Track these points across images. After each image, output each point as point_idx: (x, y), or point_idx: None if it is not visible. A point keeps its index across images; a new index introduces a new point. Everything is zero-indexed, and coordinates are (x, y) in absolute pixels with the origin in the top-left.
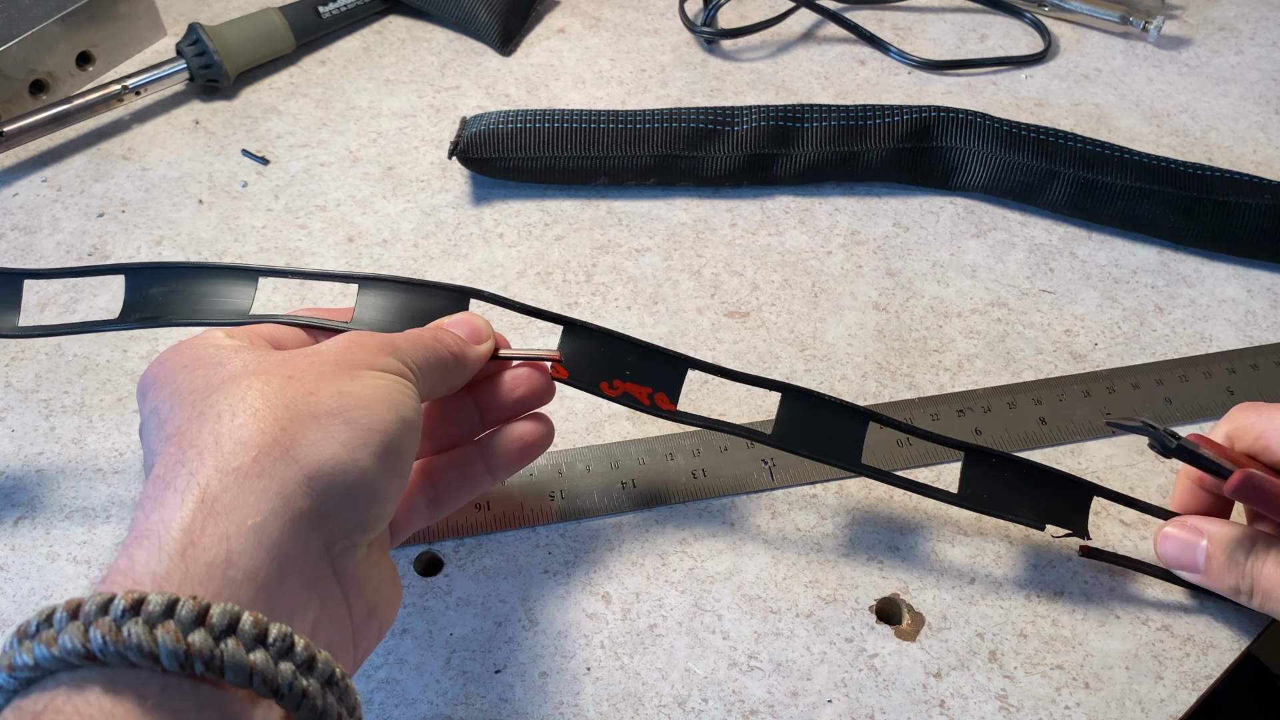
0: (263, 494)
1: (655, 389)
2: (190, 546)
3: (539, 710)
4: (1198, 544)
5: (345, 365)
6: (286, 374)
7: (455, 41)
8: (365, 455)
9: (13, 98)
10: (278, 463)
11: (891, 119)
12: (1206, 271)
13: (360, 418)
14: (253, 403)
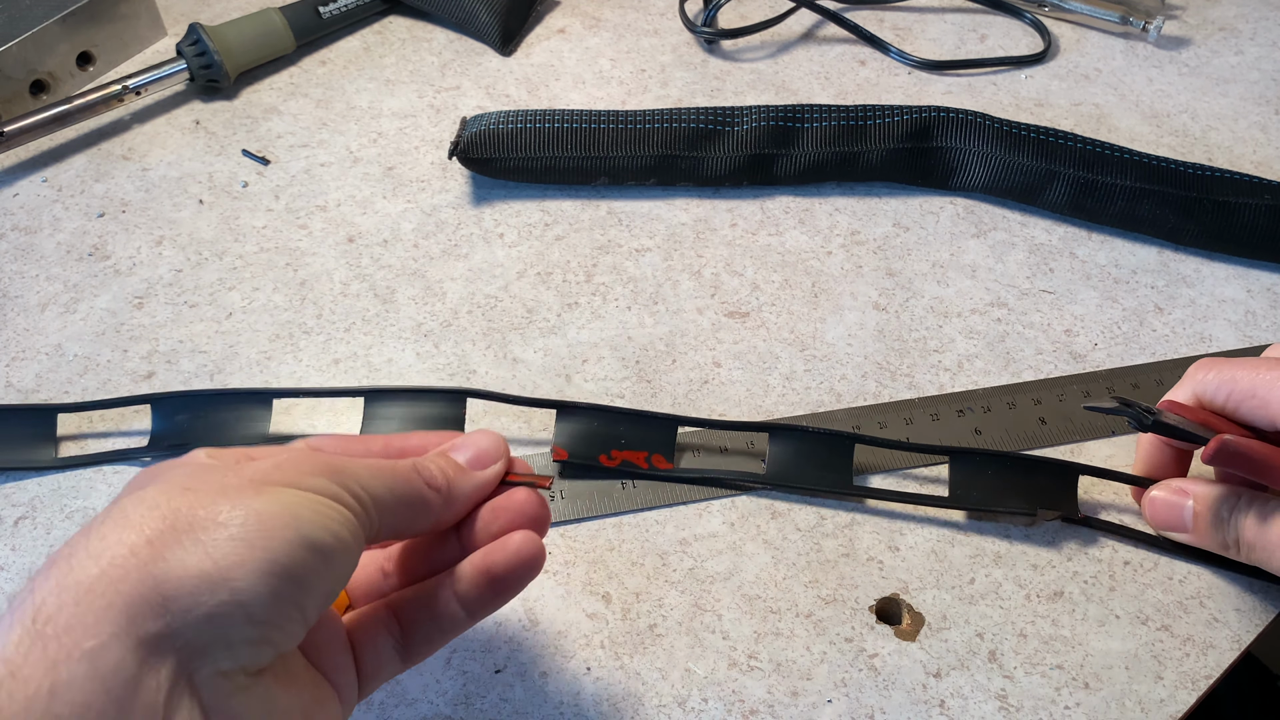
0: (104, 611)
1: (651, 451)
2: (9, 678)
3: (539, 710)
4: (1184, 505)
5: (260, 482)
6: (185, 485)
7: (455, 42)
8: (243, 575)
9: (13, 98)
10: (129, 576)
11: (891, 119)
12: (1206, 271)
13: (249, 535)
14: (130, 513)
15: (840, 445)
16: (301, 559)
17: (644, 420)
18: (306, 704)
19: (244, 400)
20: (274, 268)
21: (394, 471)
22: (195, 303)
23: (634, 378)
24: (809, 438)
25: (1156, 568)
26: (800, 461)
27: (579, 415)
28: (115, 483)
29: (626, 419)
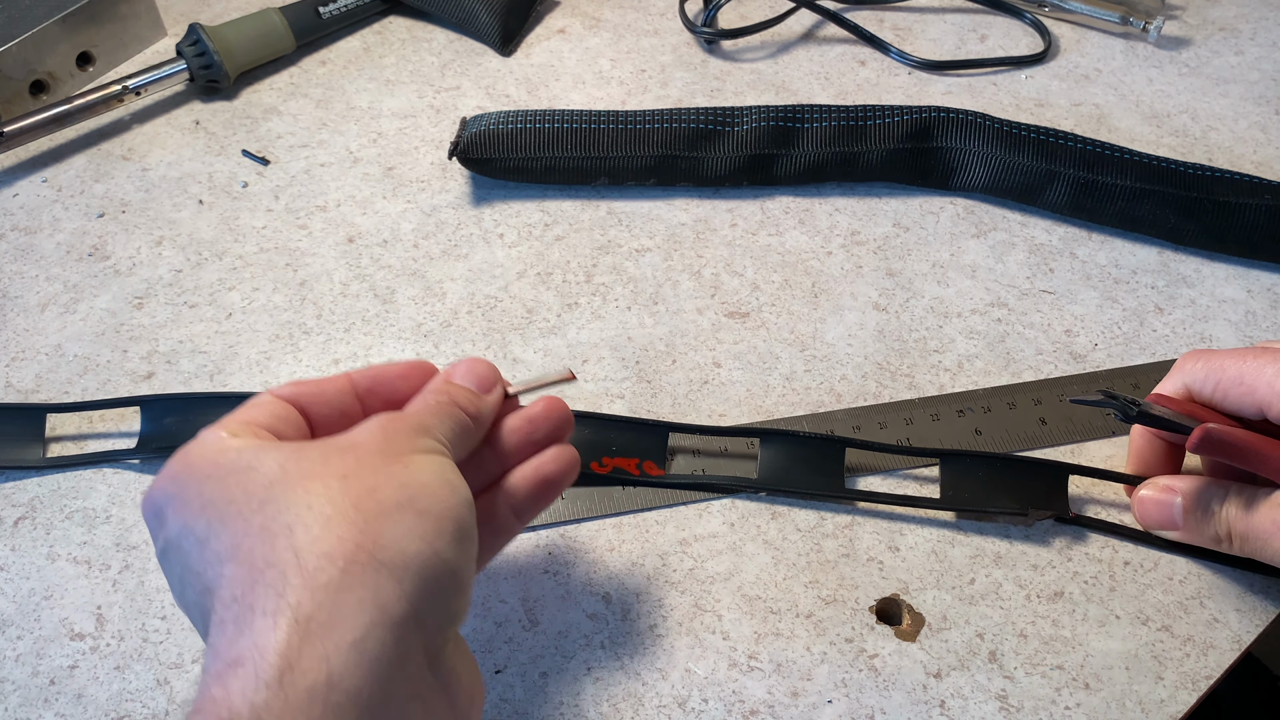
0: (358, 607)
1: (642, 458)
2: (288, 671)
3: (539, 710)
4: (1173, 502)
5: (390, 454)
6: (339, 473)
7: (455, 42)
8: (444, 545)
9: (13, 98)
10: (367, 570)
11: (891, 119)
12: (1206, 272)
13: (430, 506)
14: (321, 510)
15: (831, 449)
16: (469, 517)
17: (634, 427)
18: (467, 647)
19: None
20: (274, 268)
21: (446, 409)
22: (195, 303)
23: (634, 378)
24: (800, 442)
25: (1156, 568)
26: (792, 465)
27: None
28: (115, 483)
29: (617, 426)
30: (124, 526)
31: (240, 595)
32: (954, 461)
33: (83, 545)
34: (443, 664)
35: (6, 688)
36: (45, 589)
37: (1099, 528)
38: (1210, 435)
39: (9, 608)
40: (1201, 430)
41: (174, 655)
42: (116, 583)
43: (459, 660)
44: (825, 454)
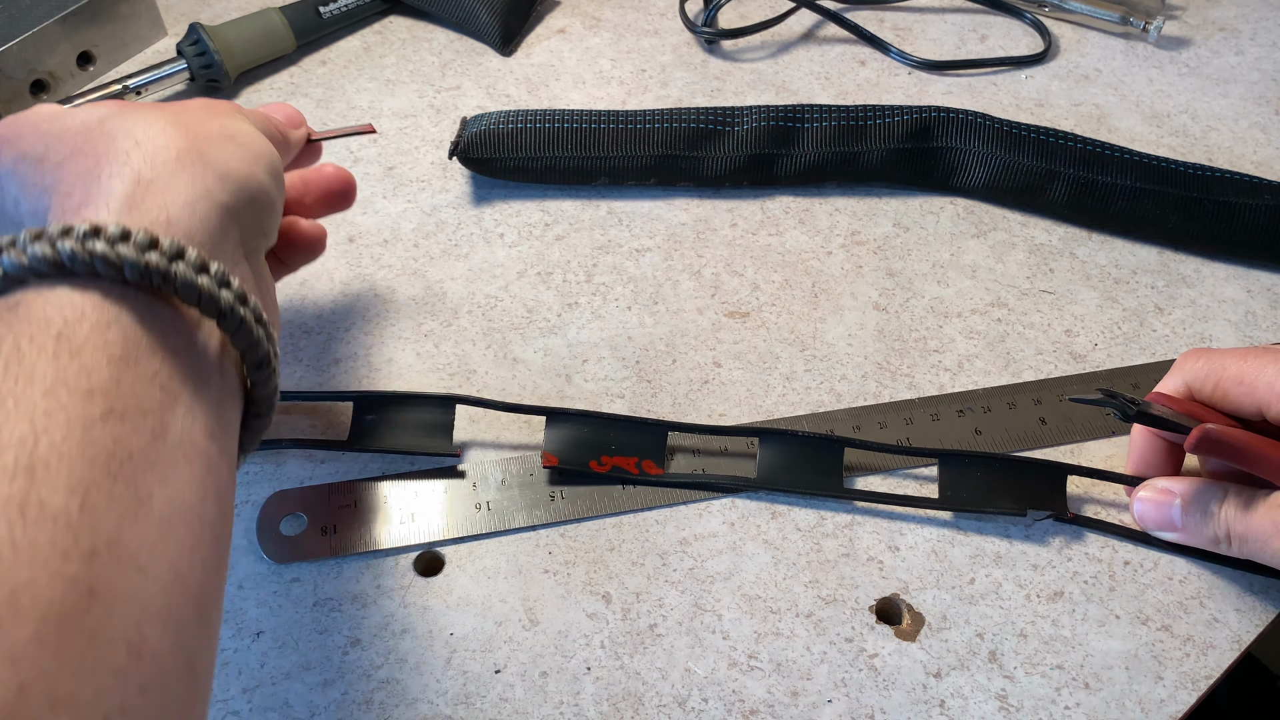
0: (189, 182)
1: (641, 457)
2: (134, 209)
3: (539, 710)
4: (1171, 504)
5: (212, 112)
6: (170, 114)
7: (456, 42)
8: (260, 170)
9: (13, 98)
10: (197, 163)
11: (892, 119)
12: (1206, 272)
13: (247, 142)
14: (158, 123)
15: (830, 448)
16: (278, 163)
17: (634, 426)
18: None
19: None
20: None
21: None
22: None
23: (634, 378)
24: (800, 441)
25: (1156, 568)
26: (791, 465)
27: (569, 422)
28: None
29: (616, 425)
30: None
31: (87, 170)
32: (953, 461)
33: None
34: (256, 267)
35: None
36: None
37: (1098, 527)
38: (1208, 435)
39: None
40: (1199, 430)
41: None
42: None
43: (265, 276)
44: (824, 453)
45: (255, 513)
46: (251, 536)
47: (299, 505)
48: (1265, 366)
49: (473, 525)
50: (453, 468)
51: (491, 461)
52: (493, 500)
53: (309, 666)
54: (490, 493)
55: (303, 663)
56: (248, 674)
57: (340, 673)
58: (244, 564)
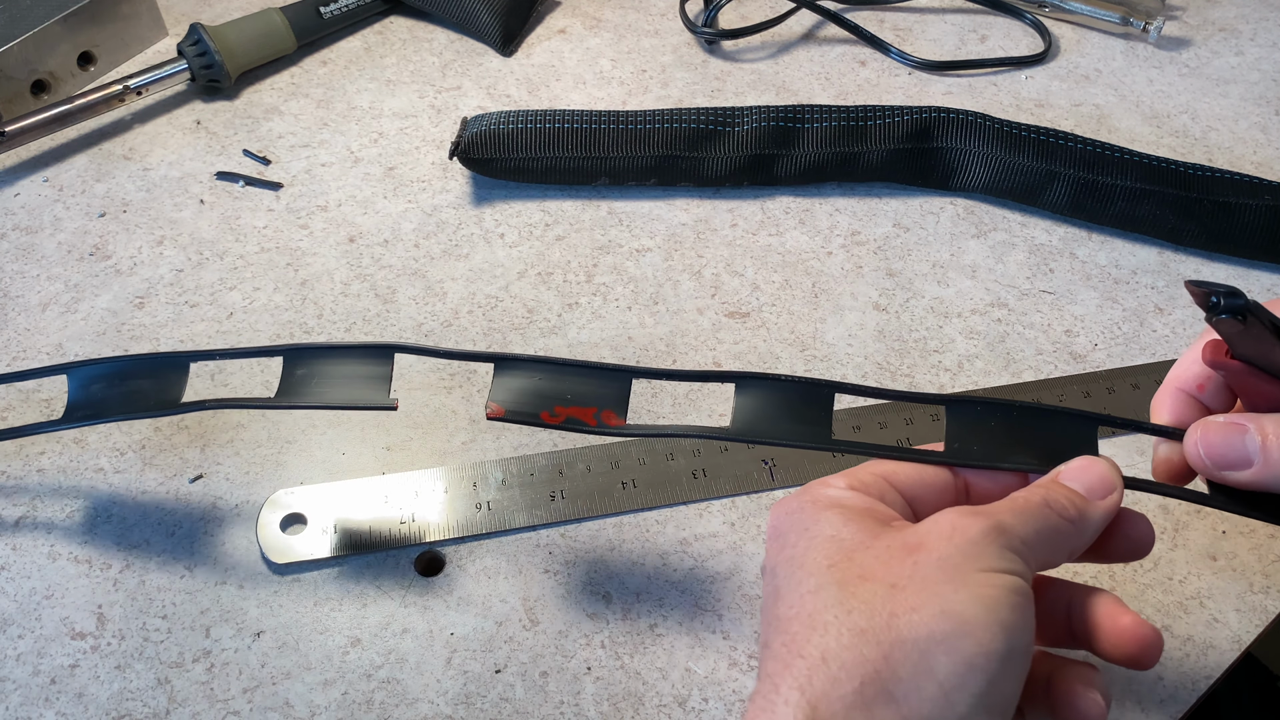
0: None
1: (601, 407)
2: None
3: (539, 710)
4: (1244, 434)
5: (951, 566)
6: (890, 581)
7: (456, 42)
8: (963, 700)
9: (14, 98)
10: (879, 698)
11: (892, 119)
12: (1206, 272)
13: (964, 649)
14: (857, 620)
15: (817, 395)
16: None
17: (594, 373)
18: None
19: (159, 366)
20: (275, 268)
21: (1037, 511)
22: (196, 302)
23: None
24: (781, 386)
25: (1156, 568)
26: (771, 413)
27: (520, 369)
28: (116, 483)
29: (573, 372)
30: (125, 525)
31: (773, 673)
32: (961, 409)
33: (84, 545)
34: None
35: (8, 686)
36: (46, 588)
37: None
38: None
39: (10, 607)
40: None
41: (175, 654)
42: (117, 582)
43: None
44: (810, 401)
45: (255, 513)
46: (251, 537)
47: (299, 505)
48: None
49: (473, 525)
50: (455, 466)
51: (491, 461)
52: (493, 500)
53: (309, 666)
54: (490, 493)
55: (303, 663)
56: (248, 674)
57: (340, 673)
58: (244, 564)
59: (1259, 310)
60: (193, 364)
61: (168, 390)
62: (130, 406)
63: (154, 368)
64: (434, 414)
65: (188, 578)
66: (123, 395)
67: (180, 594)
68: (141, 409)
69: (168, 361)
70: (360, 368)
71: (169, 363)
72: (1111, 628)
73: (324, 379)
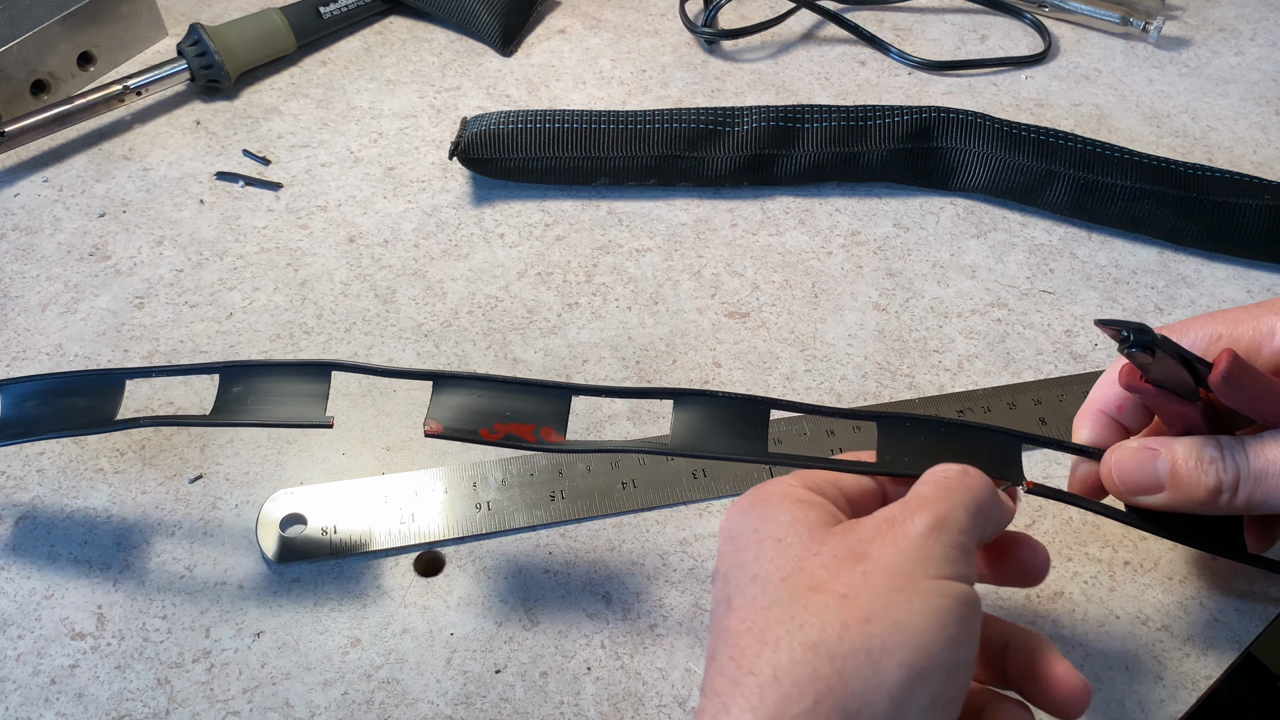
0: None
1: (540, 424)
2: None
3: (539, 710)
4: (1155, 458)
5: (902, 574)
6: (841, 591)
7: (456, 42)
8: (913, 713)
9: (14, 98)
10: (832, 716)
11: (892, 119)
12: (1206, 272)
13: (913, 661)
14: (810, 634)
15: (753, 411)
16: (951, 685)
17: (533, 391)
18: None
19: (94, 383)
20: (274, 268)
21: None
22: (196, 303)
23: (634, 378)
24: (719, 403)
25: (1156, 568)
26: (710, 429)
27: (458, 387)
28: (116, 483)
29: (513, 389)
30: (124, 526)
31: (722, 692)
32: (892, 424)
33: (84, 545)
34: None
35: (7, 687)
36: (46, 588)
37: (1059, 498)
38: (1235, 365)
39: (10, 607)
40: (1229, 355)
41: (174, 655)
42: (117, 582)
43: None
44: (747, 416)
45: (255, 513)
46: (252, 536)
47: (299, 505)
48: (1239, 318)
49: (473, 525)
50: (455, 466)
51: (491, 461)
52: (493, 500)
53: (309, 666)
54: (490, 493)
55: (303, 663)
56: (248, 674)
57: (340, 673)
58: (244, 564)
59: (1166, 344)
60: (129, 381)
61: (103, 408)
62: (64, 424)
63: (89, 385)
64: None
65: (188, 578)
66: (56, 412)
67: (180, 594)
68: (75, 426)
69: (103, 379)
70: (297, 385)
71: (104, 380)
72: (1046, 674)
73: (260, 396)
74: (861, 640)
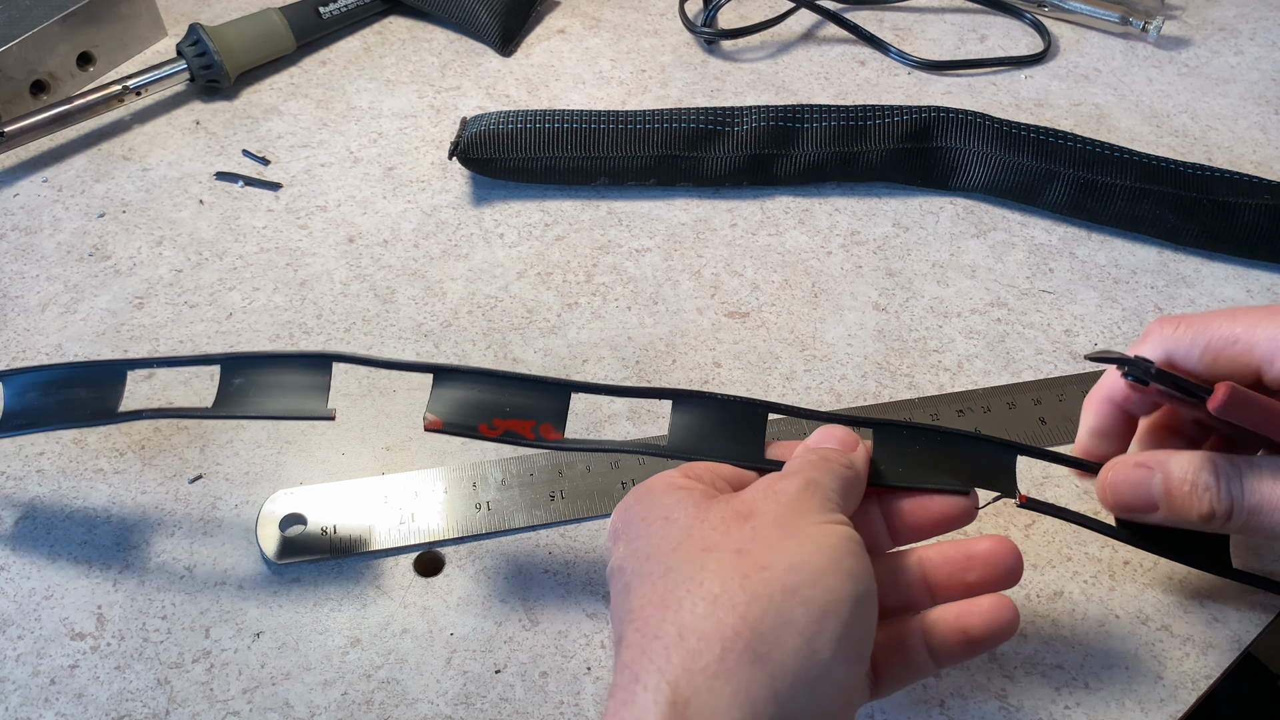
0: (731, 698)
1: (539, 421)
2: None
3: (539, 710)
4: (1151, 479)
5: (786, 523)
6: (735, 547)
7: (456, 42)
8: (824, 644)
9: (13, 98)
10: (742, 661)
11: (891, 119)
12: (1206, 272)
13: (815, 596)
14: (710, 588)
15: (751, 415)
16: (857, 614)
17: (533, 387)
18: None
19: (97, 374)
20: (274, 268)
21: (820, 464)
22: (195, 303)
23: (634, 378)
24: (717, 405)
25: (1156, 567)
26: (707, 432)
27: (459, 381)
28: (116, 483)
29: (513, 385)
30: (124, 526)
31: (630, 662)
32: (889, 433)
33: (83, 545)
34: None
35: (7, 687)
36: (46, 588)
37: (1054, 513)
38: (1235, 394)
39: (10, 607)
40: (1227, 388)
41: (174, 655)
42: (117, 582)
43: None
44: (746, 420)
45: (255, 513)
46: (251, 536)
47: (299, 505)
48: (1260, 322)
49: (473, 525)
50: (455, 466)
51: (491, 461)
52: (493, 500)
53: (309, 666)
54: (490, 493)
55: (303, 663)
56: (248, 674)
57: (340, 673)
58: (244, 564)
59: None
60: (130, 372)
61: (105, 399)
62: (67, 415)
63: (91, 376)
64: None
65: (188, 578)
66: (59, 404)
67: (180, 594)
68: (78, 418)
69: (105, 370)
70: (298, 377)
71: (106, 371)
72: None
73: (262, 389)
74: (762, 586)
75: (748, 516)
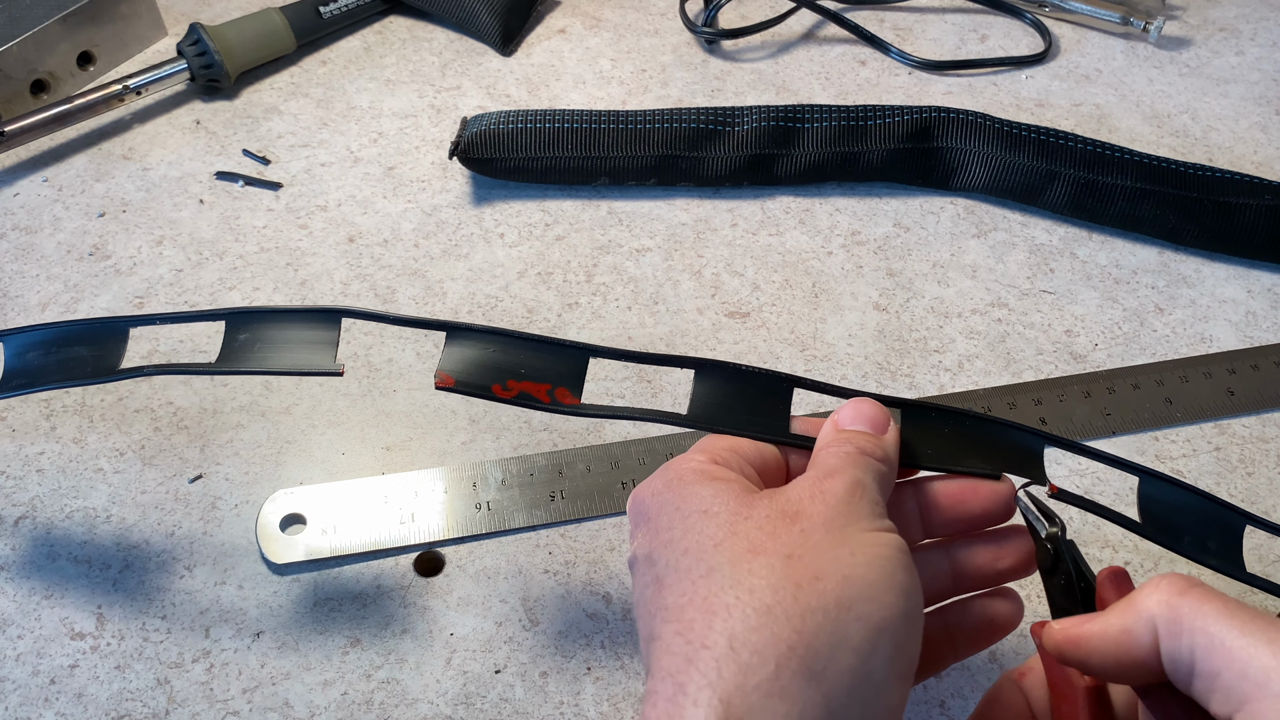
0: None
1: (555, 384)
2: None
3: (539, 710)
4: None
5: (836, 529)
6: (784, 552)
7: (456, 42)
8: (878, 664)
9: (14, 97)
10: (797, 679)
11: (892, 119)
12: (1207, 272)
13: (870, 613)
14: (762, 598)
15: (776, 387)
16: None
17: (550, 348)
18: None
19: (97, 332)
20: (274, 267)
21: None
22: (196, 303)
23: (634, 378)
24: (741, 377)
25: (1157, 567)
26: (729, 403)
27: (473, 339)
28: (116, 483)
29: (529, 346)
30: (124, 526)
31: (674, 671)
32: (918, 415)
33: (83, 545)
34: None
35: (7, 687)
36: (46, 588)
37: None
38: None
39: (10, 607)
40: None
41: (174, 654)
42: (117, 582)
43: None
44: (769, 392)
45: (255, 513)
46: (251, 536)
47: (299, 505)
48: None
49: (473, 525)
50: (455, 466)
51: (491, 461)
52: (493, 500)
53: (309, 666)
54: (490, 493)
55: (303, 663)
56: (248, 674)
57: (340, 673)
58: (244, 564)
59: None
60: (132, 329)
61: (106, 357)
62: (68, 374)
63: (92, 334)
64: (433, 414)
65: (187, 578)
66: (60, 362)
67: (180, 594)
68: (79, 376)
69: (106, 327)
70: (305, 332)
71: (107, 328)
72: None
73: (267, 344)
74: (816, 599)
75: (795, 517)
